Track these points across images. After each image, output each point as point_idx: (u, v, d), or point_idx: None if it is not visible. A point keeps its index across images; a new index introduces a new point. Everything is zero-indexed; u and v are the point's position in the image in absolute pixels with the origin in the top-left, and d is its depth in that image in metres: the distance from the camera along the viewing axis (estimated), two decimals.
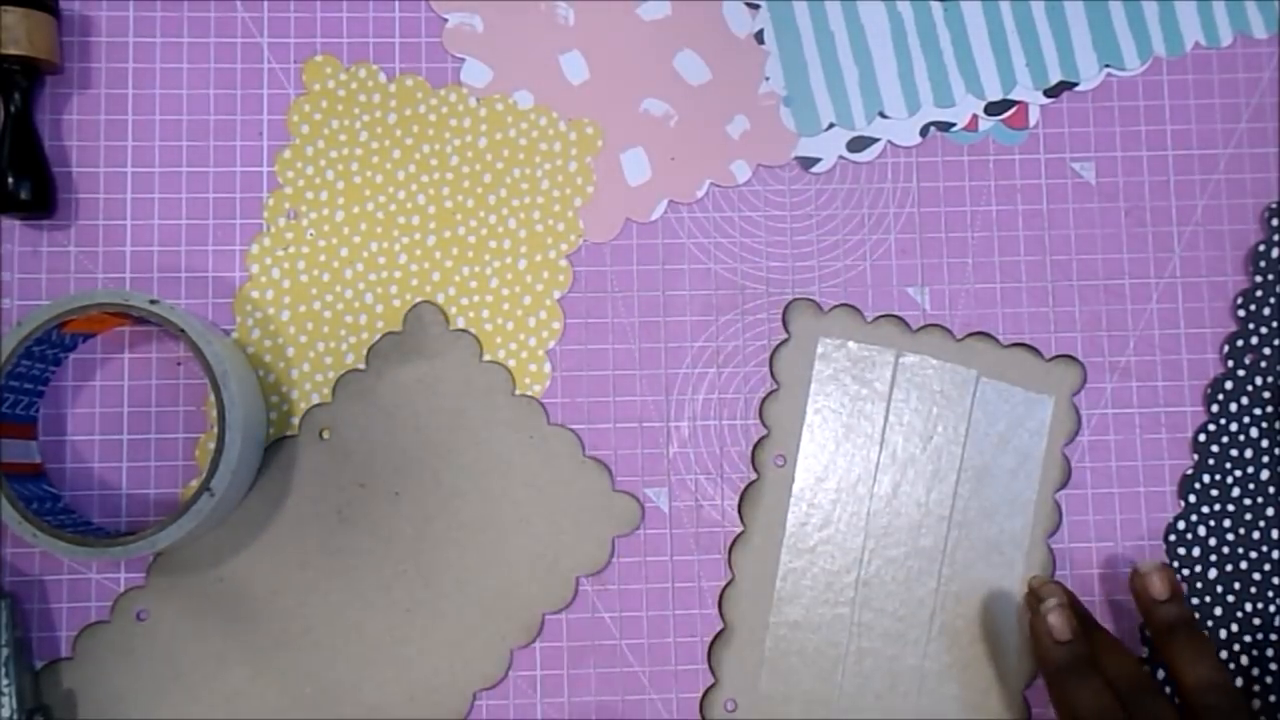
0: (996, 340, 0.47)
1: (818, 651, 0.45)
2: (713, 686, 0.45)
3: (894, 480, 0.46)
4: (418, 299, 0.46)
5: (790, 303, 0.47)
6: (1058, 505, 0.47)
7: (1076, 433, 0.47)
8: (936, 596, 0.46)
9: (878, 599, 0.46)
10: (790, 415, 0.46)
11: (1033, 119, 0.49)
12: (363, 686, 0.44)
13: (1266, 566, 0.47)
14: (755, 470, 0.46)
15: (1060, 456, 0.47)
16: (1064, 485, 0.47)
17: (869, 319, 0.47)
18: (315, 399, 0.45)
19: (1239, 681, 0.46)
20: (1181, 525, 0.47)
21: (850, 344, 0.47)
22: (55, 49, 0.44)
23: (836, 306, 0.47)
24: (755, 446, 0.46)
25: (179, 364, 0.45)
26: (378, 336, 0.46)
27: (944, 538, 0.46)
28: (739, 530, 0.46)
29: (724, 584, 0.46)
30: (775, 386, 0.47)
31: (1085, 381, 0.47)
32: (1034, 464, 0.47)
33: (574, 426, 0.46)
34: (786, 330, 0.47)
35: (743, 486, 0.46)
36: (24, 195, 0.43)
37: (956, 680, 0.45)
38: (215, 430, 0.41)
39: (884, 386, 0.46)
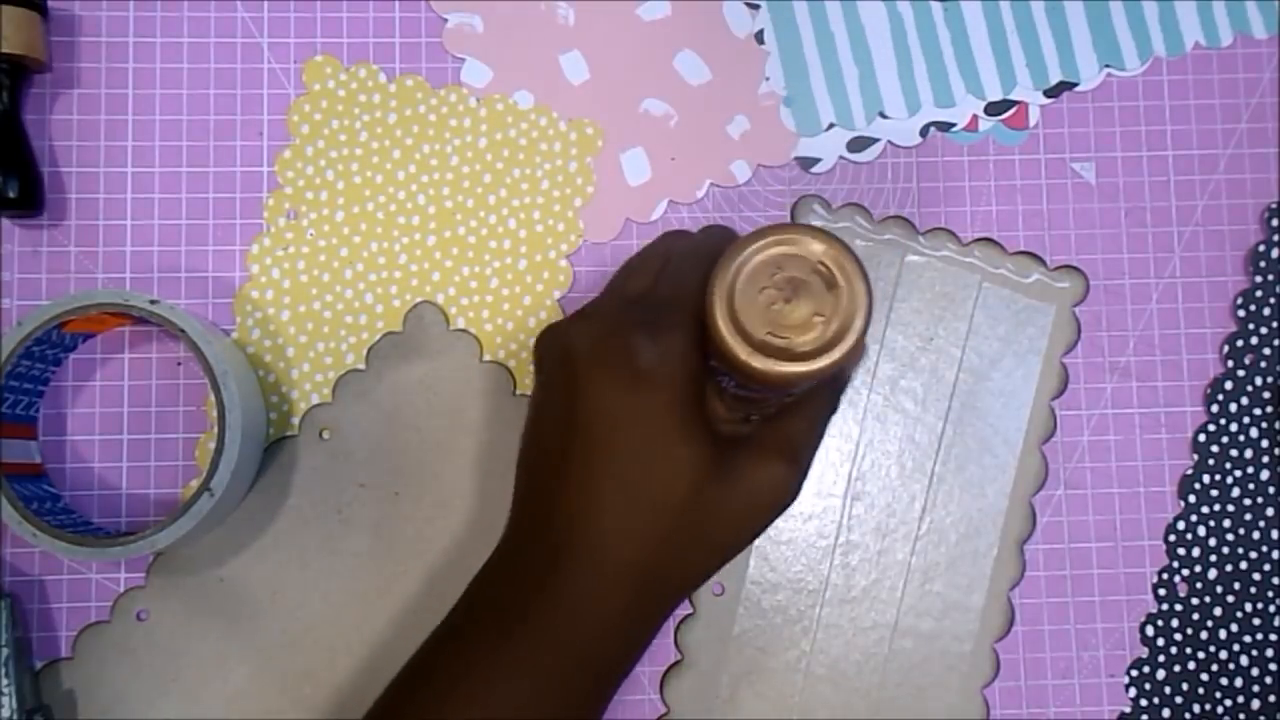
0: (1002, 248, 0.48)
1: (807, 542, 0.46)
2: None
3: (892, 376, 0.47)
4: (418, 299, 0.46)
5: (798, 200, 0.47)
6: (1053, 412, 0.47)
7: (1075, 343, 0.47)
8: (928, 494, 0.46)
9: (870, 492, 0.46)
10: None
11: (1033, 119, 0.49)
12: (363, 687, 0.44)
13: (1266, 566, 0.47)
14: None
15: (1058, 365, 0.47)
16: (1060, 394, 0.47)
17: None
18: (315, 399, 0.45)
19: (1238, 682, 0.46)
20: (1181, 525, 0.47)
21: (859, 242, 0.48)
22: (43, 47, 0.44)
23: (843, 206, 0.48)
24: None
25: (179, 364, 0.45)
26: (378, 336, 0.46)
27: (939, 436, 0.46)
28: None
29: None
30: None
31: (1087, 293, 0.47)
32: (1032, 370, 0.47)
33: None
34: None
35: None
36: (11, 193, 0.43)
37: (941, 578, 0.46)
38: (215, 430, 0.41)
39: (888, 286, 0.47)
